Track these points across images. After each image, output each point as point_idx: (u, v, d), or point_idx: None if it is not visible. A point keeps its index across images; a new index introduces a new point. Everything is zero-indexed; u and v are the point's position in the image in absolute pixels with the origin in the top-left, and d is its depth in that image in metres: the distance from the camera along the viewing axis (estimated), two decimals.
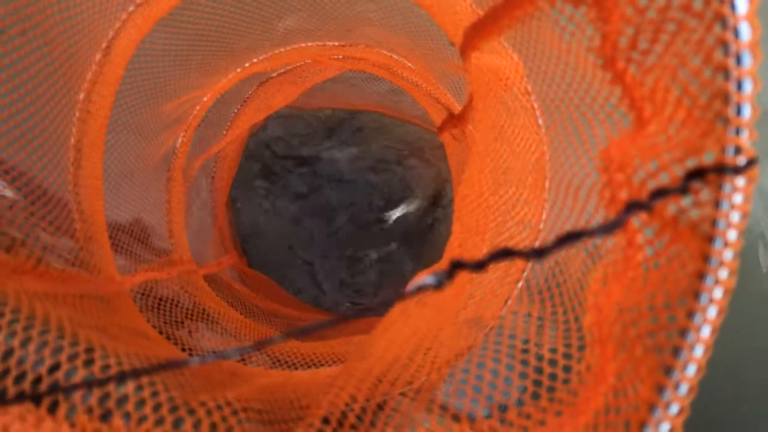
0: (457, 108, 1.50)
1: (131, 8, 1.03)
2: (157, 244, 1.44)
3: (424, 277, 0.33)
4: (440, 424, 0.48)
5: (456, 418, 0.48)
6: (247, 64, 1.67)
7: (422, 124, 2.12)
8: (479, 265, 0.32)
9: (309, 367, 0.94)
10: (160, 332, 0.99)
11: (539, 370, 0.50)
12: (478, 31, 0.75)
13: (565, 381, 0.49)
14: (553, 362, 0.50)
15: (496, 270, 0.65)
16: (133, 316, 0.83)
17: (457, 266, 0.32)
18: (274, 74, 1.91)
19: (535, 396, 0.49)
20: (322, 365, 0.97)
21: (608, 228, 0.32)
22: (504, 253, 0.32)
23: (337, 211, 2.23)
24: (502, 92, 0.88)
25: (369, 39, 1.52)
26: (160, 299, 1.16)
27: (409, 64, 1.50)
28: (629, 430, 0.35)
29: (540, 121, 0.75)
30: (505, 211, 0.67)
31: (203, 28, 1.33)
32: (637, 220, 0.42)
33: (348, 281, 2.13)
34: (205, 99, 1.62)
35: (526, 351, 0.53)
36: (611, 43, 0.40)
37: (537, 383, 0.49)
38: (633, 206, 0.33)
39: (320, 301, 2.12)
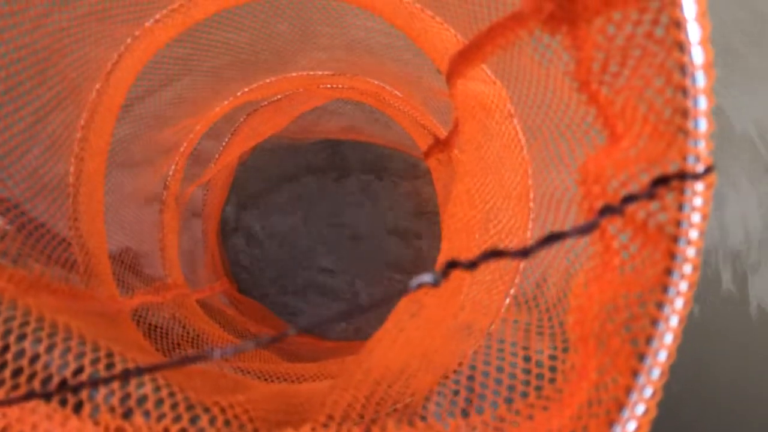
0: (443, 133, 1.55)
1: (129, 40, 1.07)
2: (148, 273, 1.47)
3: (423, 276, 0.36)
4: (436, 419, 0.51)
5: (450, 414, 0.52)
6: (238, 94, 1.72)
7: (409, 150, 2.17)
8: (472, 264, 0.36)
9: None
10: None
11: (527, 371, 0.53)
12: (463, 59, 0.80)
13: (552, 380, 0.52)
14: (539, 363, 0.54)
15: (487, 281, 0.69)
16: (135, 335, 0.86)
17: (452, 265, 0.36)
18: (264, 103, 1.95)
19: (524, 394, 0.52)
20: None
21: (585, 229, 0.36)
22: (493, 254, 0.36)
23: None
24: (486, 116, 0.93)
25: (357, 68, 1.58)
26: (154, 326, 1.19)
27: (397, 92, 1.55)
28: (609, 415, 0.39)
29: (522, 142, 0.79)
30: (491, 226, 0.71)
31: (197, 60, 1.38)
32: (612, 227, 0.46)
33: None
34: (197, 128, 1.66)
35: (514, 354, 0.56)
36: (585, 67, 0.45)
37: (525, 383, 0.53)
38: (606, 210, 0.37)
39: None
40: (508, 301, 0.69)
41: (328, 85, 1.70)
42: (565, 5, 0.44)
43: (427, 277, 0.36)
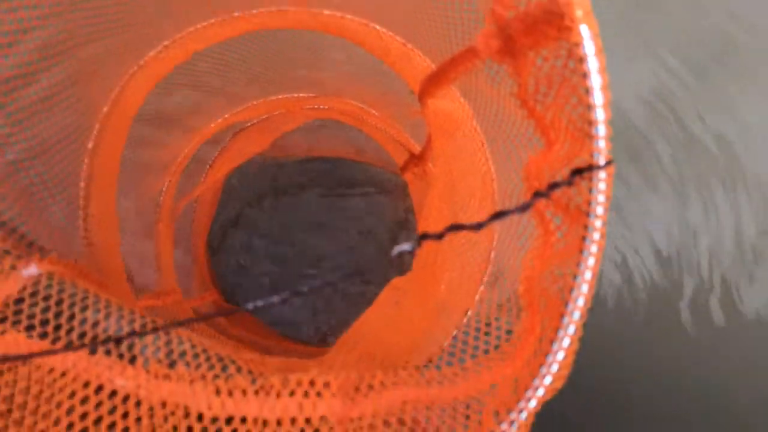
0: (417, 149, 1.68)
1: (134, 69, 1.19)
2: (139, 281, 1.56)
3: (402, 245, 0.49)
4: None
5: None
6: (227, 115, 1.84)
7: (386, 166, 2.30)
8: (439, 236, 0.49)
9: None
10: None
11: (488, 334, 0.66)
12: (432, 82, 0.93)
13: (507, 340, 0.65)
14: (498, 328, 0.66)
15: (463, 268, 0.82)
16: None
17: (424, 237, 0.49)
18: (248, 124, 2.08)
19: (486, 352, 0.65)
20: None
21: (522, 208, 0.49)
22: (454, 227, 0.49)
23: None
24: (455, 130, 1.06)
25: (337, 90, 1.71)
26: None
27: (374, 112, 1.68)
28: (542, 344, 0.51)
29: (486, 150, 0.93)
30: (460, 218, 0.84)
31: (192, 86, 1.50)
32: (549, 212, 0.59)
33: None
34: (187, 149, 1.77)
35: (487, 324, 0.69)
36: (524, 89, 0.58)
37: (487, 343, 0.65)
38: (537, 194, 0.50)
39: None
40: (482, 287, 0.81)
41: (310, 107, 1.83)
42: (507, 43, 0.57)
43: (406, 246, 0.49)
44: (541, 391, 0.50)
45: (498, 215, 0.49)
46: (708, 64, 2.33)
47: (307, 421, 0.51)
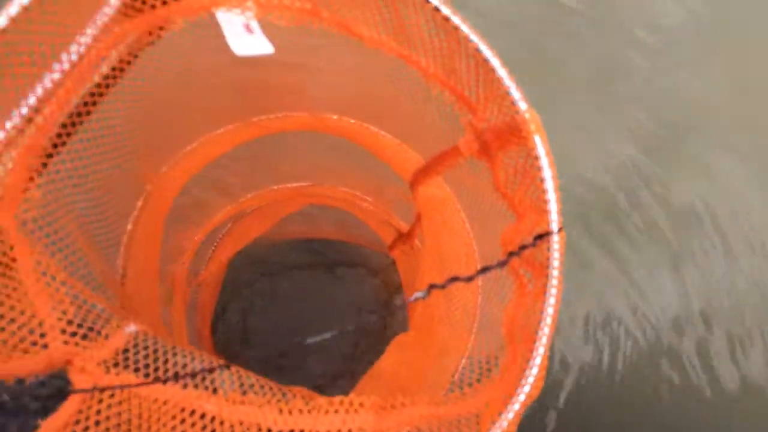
0: (405, 228, 1.89)
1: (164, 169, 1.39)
2: None
3: (417, 293, 0.68)
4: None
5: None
6: (229, 207, 2.04)
7: (374, 246, 2.50)
8: (443, 286, 0.68)
9: None
10: None
11: (480, 366, 0.84)
12: (423, 174, 1.15)
13: (496, 368, 0.83)
14: (488, 361, 0.85)
15: (458, 318, 1.00)
16: None
17: (432, 287, 0.68)
18: (248, 212, 2.28)
19: (479, 380, 0.83)
20: None
21: (501, 264, 0.69)
22: (453, 279, 0.68)
23: None
24: (441, 210, 1.27)
25: (332, 179, 1.93)
26: None
27: (366, 197, 1.90)
28: (521, 367, 0.70)
29: (467, 225, 1.13)
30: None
31: (201, 185, 1.70)
32: (522, 270, 0.79)
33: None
34: (197, 236, 1.96)
35: (479, 360, 0.87)
36: (497, 178, 0.79)
37: (480, 373, 0.83)
38: (511, 254, 0.70)
39: None
40: (473, 334, 1.00)
41: (307, 194, 2.04)
42: (483, 146, 0.79)
43: (419, 294, 0.68)
44: (522, 397, 0.68)
45: (484, 269, 0.69)
46: (676, 135, 2.63)
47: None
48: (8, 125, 0.67)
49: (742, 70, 3.06)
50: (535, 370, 0.68)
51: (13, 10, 0.61)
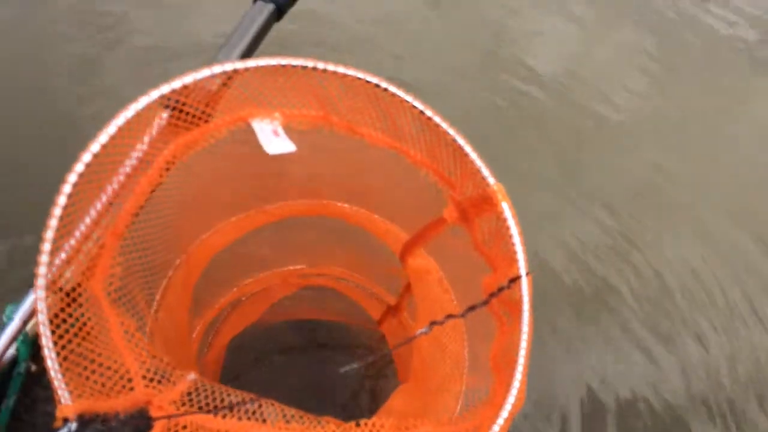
0: (393, 300, 2.08)
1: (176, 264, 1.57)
2: None
3: (421, 330, 0.87)
4: None
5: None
6: (228, 295, 2.21)
7: (364, 323, 2.65)
8: (441, 322, 0.87)
9: None
10: None
11: (472, 395, 1.02)
12: (412, 245, 1.35)
13: (487, 395, 1.01)
14: (479, 391, 1.03)
15: (451, 363, 1.18)
16: None
17: (433, 323, 0.87)
18: (244, 298, 2.44)
19: (474, 405, 1.01)
20: None
21: (484, 303, 0.89)
22: (448, 316, 0.88)
23: None
24: (428, 279, 1.47)
25: (326, 259, 2.12)
26: None
27: (356, 274, 2.09)
28: (508, 390, 0.88)
29: (450, 289, 1.33)
30: (440, 333, 1.23)
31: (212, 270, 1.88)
32: (501, 310, 0.98)
33: None
34: (199, 326, 2.11)
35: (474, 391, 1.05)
36: (476, 239, 1.00)
37: (472, 399, 1.01)
38: (491, 295, 0.90)
39: None
40: (466, 371, 1.17)
41: (301, 276, 2.23)
42: (462, 214, 1.00)
43: (424, 329, 0.87)
44: (508, 408, 0.86)
45: (471, 308, 0.89)
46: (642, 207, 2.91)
47: None
48: (93, 212, 0.87)
49: (701, 144, 3.41)
50: (517, 384, 0.86)
51: (100, 141, 0.82)
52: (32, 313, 0.88)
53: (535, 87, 3.45)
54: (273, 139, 0.96)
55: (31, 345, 0.88)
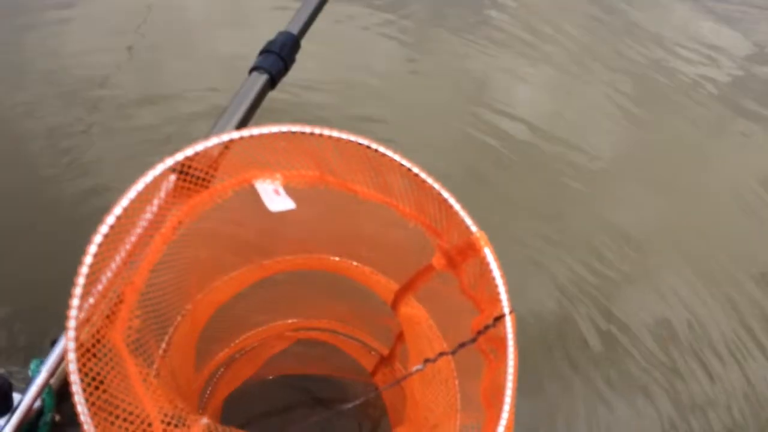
0: (386, 351, 2.14)
1: (182, 313, 1.64)
2: None
3: (416, 366, 0.95)
4: None
5: None
6: (223, 352, 2.26)
7: (357, 376, 2.69)
8: (434, 360, 0.95)
9: None
10: None
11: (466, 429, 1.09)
12: (403, 293, 1.44)
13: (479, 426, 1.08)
14: (473, 427, 1.10)
15: (443, 401, 1.25)
16: None
17: (426, 360, 0.95)
18: (238, 355, 2.49)
19: None
20: None
21: (472, 341, 0.97)
22: (441, 354, 0.96)
23: None
24: (418, 327, 1.55)
25: (319, 313, 2.19)
26: None
27: (351, 327, 2.16)
28: (499, 418, 0.96)
29: (443, 340, 1.41)
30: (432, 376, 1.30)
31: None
32: (488, 347, 1.07)
33: None
34: (195, 385, 2.15)
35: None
36: (463, 283, 1.09)
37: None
38: (479, 333, 0.98)
39: None
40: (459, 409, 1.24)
41: (294, 330, 2.29)
42: (449, 261, 1.10)
43: (419, 366, 0.94)
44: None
45: (461, 345, 0.97)
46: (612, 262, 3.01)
47: None
48: (111, 270, 0.95)
49: (680, 187, 3.55)
50: (506, 415, 0.94)
51: (122, 205, 0.91)
52: (56, 367, 0.95)
53: (507, 143, 3.60)
54: (275, 198, 1.06)
55: (55, 396, 0.95)
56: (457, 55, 4.29)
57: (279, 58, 1.41)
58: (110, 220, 0.88)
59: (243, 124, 1.33)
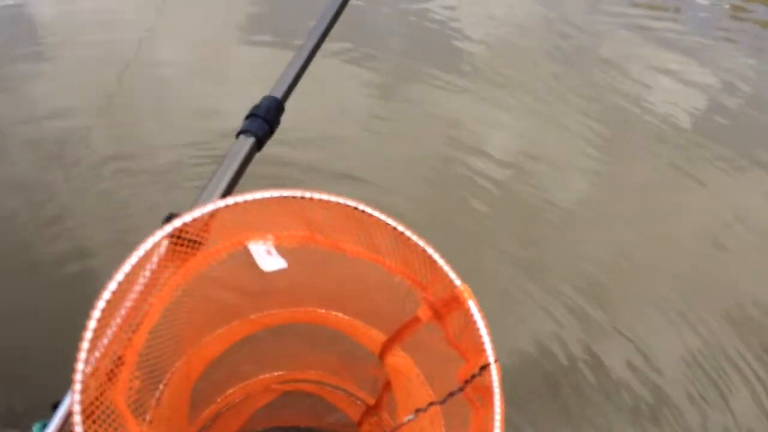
0: (372, 400, 2.16)
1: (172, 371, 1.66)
2: None
3: (409, 416, 0.99)
4: None
5: None
6: (211, 407, 2.27)
7: (343, 428, 2.69)
8: (425, 409, 1.00)
9: None
10: None
11: None
12: (390, 344, 1.48)
13: None
14: None
15: None
16: None
17: (419, 410, 1.00)
18: (225, 409, 2.48)
19: None
20: None
21: (461, 389, 1.02)
22: (431, 403, 1.00)
23: None
24: (405, 377, 1.59)
25: (305, 364, 2.21)
26: None
27: (338, 378, 2.18)
28: None
29: (429, 390, 1.45)
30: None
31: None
32: (473, 395, 1.11)
33: None
34: None
35: None
36: (448, 333, 1.15)
37: None
38: (466, 382, 1.03)
39: None
40: None
41: (280, 382, 2.30)
42: (435, 312, 1.15)
43: (410, 416, 0.99)
44: None
45: (450, 395, 1.02)
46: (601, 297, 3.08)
47: None
48: (114, 324, 0.99)
49: (657, 224, 3.65)
50: None
51: (124, 270, 0.96)
52: (60, 429, 0.98)
53: (481, 187, 3.70)
54: (267, 258, 1.11)
55: None
56: (430, 102, 4.43)
57: (264, 121, 1.48)
58: (113, 285, 0.92)
59: (233, 185, 1.39)
